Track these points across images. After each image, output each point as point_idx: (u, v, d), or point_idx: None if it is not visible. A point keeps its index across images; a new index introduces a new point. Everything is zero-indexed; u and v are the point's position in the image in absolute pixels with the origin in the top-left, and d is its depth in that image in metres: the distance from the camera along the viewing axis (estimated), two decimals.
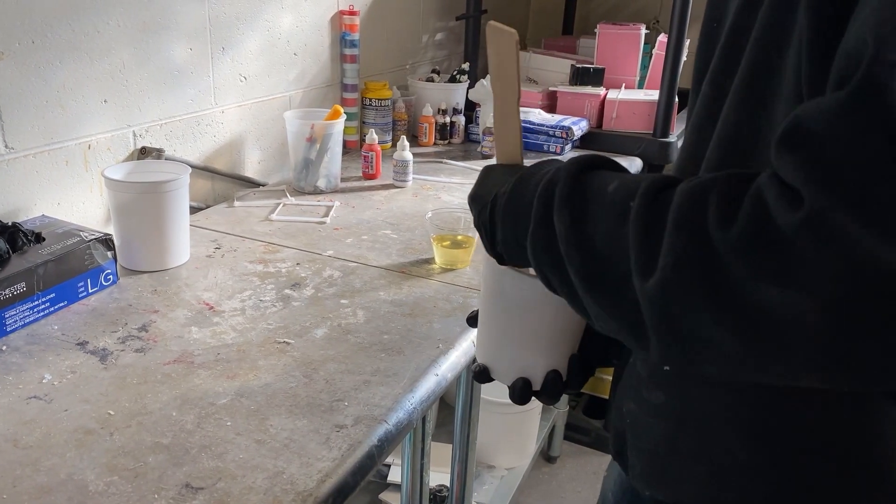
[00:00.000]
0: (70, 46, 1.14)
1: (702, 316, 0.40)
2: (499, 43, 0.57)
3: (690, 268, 0.40)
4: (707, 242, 0.39)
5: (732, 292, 0.38)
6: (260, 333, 0.96)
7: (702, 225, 0.40)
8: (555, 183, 0.49)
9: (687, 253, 0.40)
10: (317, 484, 0.69)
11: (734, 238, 0.38)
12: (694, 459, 0.54)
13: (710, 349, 0.41)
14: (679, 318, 0.41)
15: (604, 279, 0.45)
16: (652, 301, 0.42)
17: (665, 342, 0.42)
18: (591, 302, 0.46)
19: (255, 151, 1.59)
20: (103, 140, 1.23)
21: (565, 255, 0.47)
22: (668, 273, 0.40)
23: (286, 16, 1.59)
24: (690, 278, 0.40)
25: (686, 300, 0.40)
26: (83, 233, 1.03)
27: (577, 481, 2.09)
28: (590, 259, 0.46)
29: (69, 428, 0.76)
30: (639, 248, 0.42)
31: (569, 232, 0.47)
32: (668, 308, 0.41)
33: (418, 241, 1.29)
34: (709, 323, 0.40)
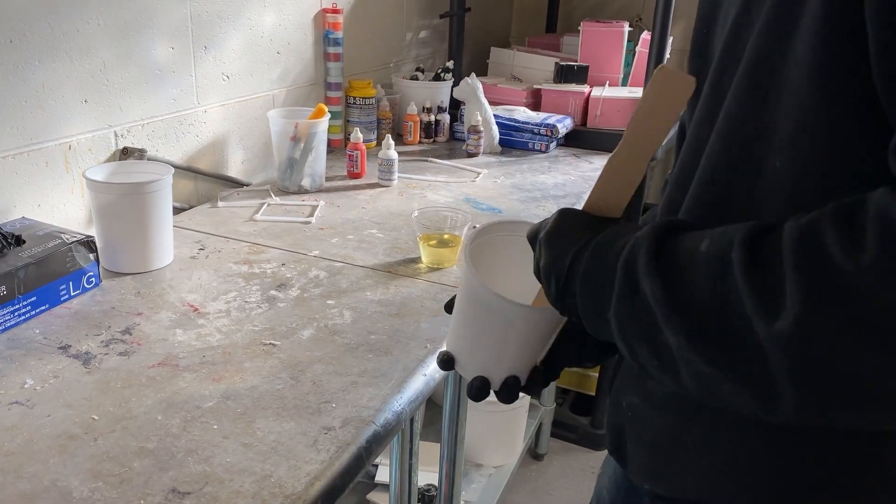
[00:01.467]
0: (49, 46, 1.13)
1: (851, 349, 0.37)
2: (667, 88, 0.50)
3: (826, 303, 0.37)
4: (837, 274, 0.37)
5: (885, 318, 0.36)
6: (245, 335, 0.95)
7: (826, 258, 0.38)
8: (638, 247, 0.46)
9: (818, 288, 0.38)
10: (305, 487, 0.69)
11: (869, 263, 0.36)
12: (699, 452, 0.53)
13: (862, 386, 0.38)
14: (821, 358, 0.38)
15: (715, 336, 0.42)
16: (785, 345, 0.38)
17: (804, 391, 0.39)
18: (701, 363, 0.43)
19: (238, 151, 1.58)
20: (84, 141, 1.21)
21: (663, 320, 0.44)
22: (800, 310, 0.38)
23: (269, 14, 1.58)
24: (827, 312, 0.37)
25: (828, 335, 0.37)
26: (64, 235, 1.02)
27: (564, 478, 2.09)
28: (694, 318, 0.43)
29: (52, 433, 0.75)
30: (757, 295, 0.40)
31: (664, 296, 0.44)
32: (808, 349, 0.38)
33: (404, 241, 1.29)
34: (862, 354, 0.37)
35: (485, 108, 1.87)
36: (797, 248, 0.39)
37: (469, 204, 1.50)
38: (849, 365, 0.37)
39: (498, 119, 1.92)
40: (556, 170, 1.78)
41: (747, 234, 0.42)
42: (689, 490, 0.55)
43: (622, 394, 0.61)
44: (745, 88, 0.49)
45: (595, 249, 0.50)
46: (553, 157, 1.90)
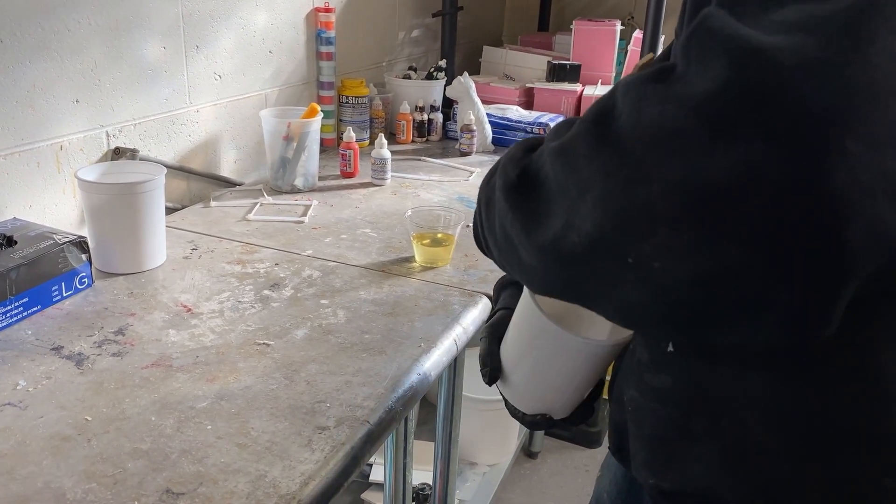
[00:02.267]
0: (40, 45, 1.12)
1: (583, 160, 0.45)
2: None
3: (589, 121, 0.46)
4: (612, 97, 0.45)
5: (613, 128, 0.43)
6: (239, 335, 0.95)
7: (614, 90, 0.46)
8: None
9: (590, 110, 0.47)
10: (300, 487, 0.69)
11: (632, 78, 0.44)
12: (705, 439, 0.53)
13: (587, 200, 0.44)
14: (568, 171, 0.46)
15: (526, 179, 0.51)
16: (552, 155, 0.48)
17: (557, 207, 0.46)
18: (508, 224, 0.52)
19: (231, 151, 1.58)
20: (76, 141, 1.21)
21: (499, 172, 0.54)
22: (571, 131, 0.47)
23: (261, 13, 1.58)
24: (584, 128, 0.46)
25: (574, 149, 0.46)
26: (56, 235, 1.01)
27: (558, 476, 2.10)
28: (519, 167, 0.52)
29: (45, 435, 0.74)
30: (557, 126, 0.52)
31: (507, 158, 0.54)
32: (564, 161, 0.47)
33: (398, 240, 1.29)
34: (586, 165, 0.44)
35: (477, 107, 1.87)
36: (548, 137, 0.52)
37: (462, 203, 1.50)
38: (585, 177, 0.44)
39: (491, 118, 1.92)
40: None
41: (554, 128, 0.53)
42: (697, 480, 0.54)
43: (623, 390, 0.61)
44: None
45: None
46: None
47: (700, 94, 0.39)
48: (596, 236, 0.42)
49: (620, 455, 0.63)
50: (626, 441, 0.61)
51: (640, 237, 0.40)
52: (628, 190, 0.40)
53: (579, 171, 0.44)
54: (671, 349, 0.54)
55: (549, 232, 0.46)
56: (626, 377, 0.60)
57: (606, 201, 0.41)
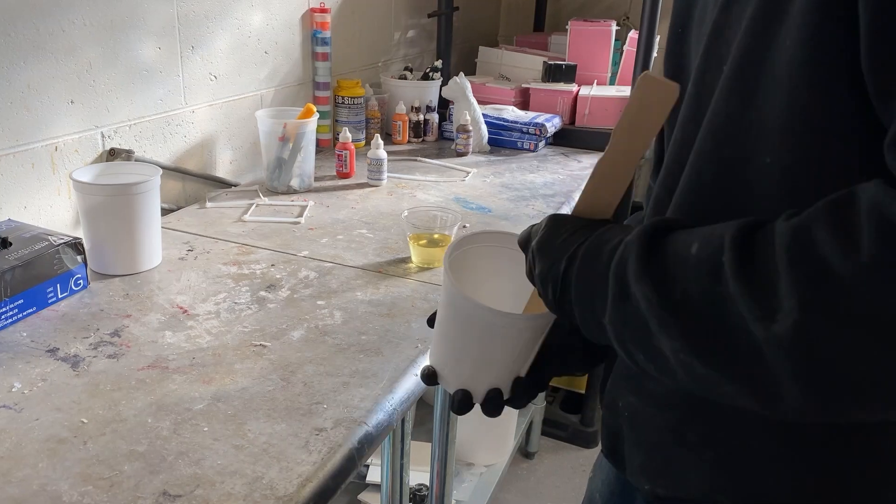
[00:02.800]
0: (34, 46, 1.12)
1: (852, 349, 0.37)
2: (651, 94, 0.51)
3: (824, 304, 0.37)
4: (833, 275, 0.37)
5: (883, 315, 0.36)
6: (235, 337, 0.95)
7: (821, 257, 0.38)
8: (627, 252, 0.46)
9: (815, 289, 0.38)
10: (297, 488, 0.69)
11: (866, 261, 0.36)
12: (702, 448, 0.53)
13: (864, 384, 0.38)
14: (823, 359, 0.38)
15: (711, 339, 0.42)
16: (786, 348, 0.38)
17: (807, 390, 0.39)
18: (699, 366, 0.43)
19: (226, 151, 1.57)
20: (71, 142, 1.21)
21: (656, 326, 0.44)
22: (798, 313, 0.38)
23: (256, 14, 1.57)
24: (826, 314, 0.37)
25: (828, 337, 0.37)
26: (51, 237, 1.01)
27: (555, 476, 2.10)
28: (688, 322, 0.42)
29: (41, 437, 0.74)
30: (752, 297, 0.39)
31: (658, 301, 0.43)
32: (808, 351, 0.38)
33: (394, 241, 1.29)
34: (863, 352, 0.37)
35: (473, 108, 1.87)
36: (790, 248, 0.39)
37: (458, 203, 1.50)
38: (851, 364, 0.38)
39: (487, 118, 1.92)
40: (544, 169, 1.79)
41: (737, 233, 0.42)
42: (692, 487, 0.54)
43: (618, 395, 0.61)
44: (733, 88, 0.49)
45: (586, 255, 0.50)
46: (542, 156, 1.90)
47: None
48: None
49: (614, 458, 0.63)
50: (620, 445, 0.61)
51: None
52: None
53: (841, 367, 0.38)
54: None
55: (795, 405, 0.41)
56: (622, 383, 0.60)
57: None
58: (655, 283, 0.44)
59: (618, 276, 0.46)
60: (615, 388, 0.61)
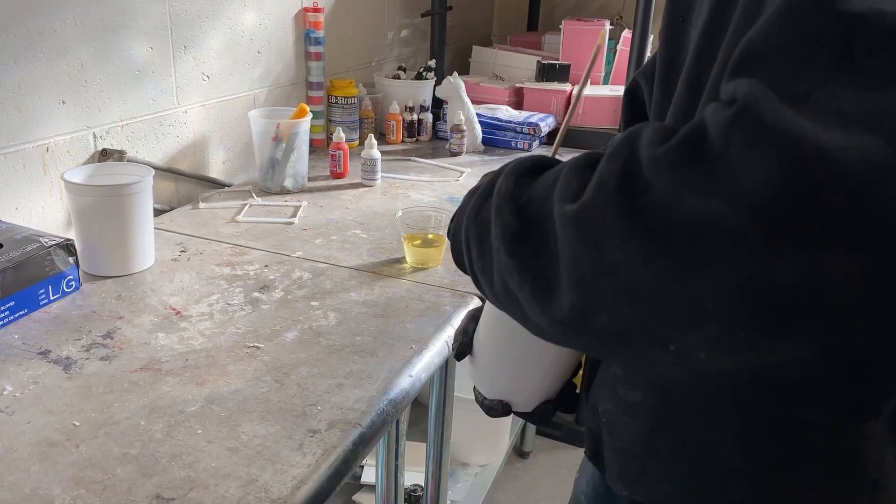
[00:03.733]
0: (25, 46, 1.11)
1: (612, 239, 0.37)
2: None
3: (612, 189, 0.37)
4: (635, 162, 0.37)
5: (647, 210, 0.36)
6: (229, 338, 0.94)
7: (634, 149, 0.38)
8: (512, 165, 0.50)
9: (612, 173, 0.38)
10: (291, 491, 0.68)
11: (661, 152, 0.36)
12: (673, 459, 0.53)
13: (616, 283, 0.38)
14: (589, 246, 0.38)
15: (523, 228, 0.44)
16: (567, 224, 0.39)
17: (574, 282, 0.39)
18: (504, 254, 0.45)
19: (219, 152, 1.57)
20: (62, 142, 1.20)
21: (495, 210, 0.46)
22: (589, 195, 0.38)
23: (249, 13, 1.57)
24: (608, 198, 0.37)
25: (599, 223, 0.37)
26: (43, 238, 1.00)
27: (550, 476, 2.10)
28: (515, 211, 0.45)
29: (32, 441, 0.74)
30: (566, 183, 0.41)
31: (509, 192, 0.46)
32: (583, 233, 0.38)
33: (388, 241, 1.29)
34: (618, 245, 0.37)
35: (467, 107, 1.87)
36: (616, 143, 0.40)
37: (453, 203, 1.50)
38: (616, 259, 0.37)
39: (480, 118, 1.92)
40: None
41: (590, 153, 0.43)
42: (666, 497, 0.55)
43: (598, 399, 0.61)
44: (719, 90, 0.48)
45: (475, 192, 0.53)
46: None
47: (751, 191, 0.35)
48: (633, 322, 0.39)
49: (596, 460, 0.63)
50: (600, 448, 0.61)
51: (685, 330, 0.37)
52: (674, 282, 0.36)
53: (605, 249, 0.38)
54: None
55: (566, 306, 0.41)
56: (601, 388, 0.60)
57: (646, 289, 0.37)
58: (516, 182, 0.47)
59: (494, 177, 0.50)
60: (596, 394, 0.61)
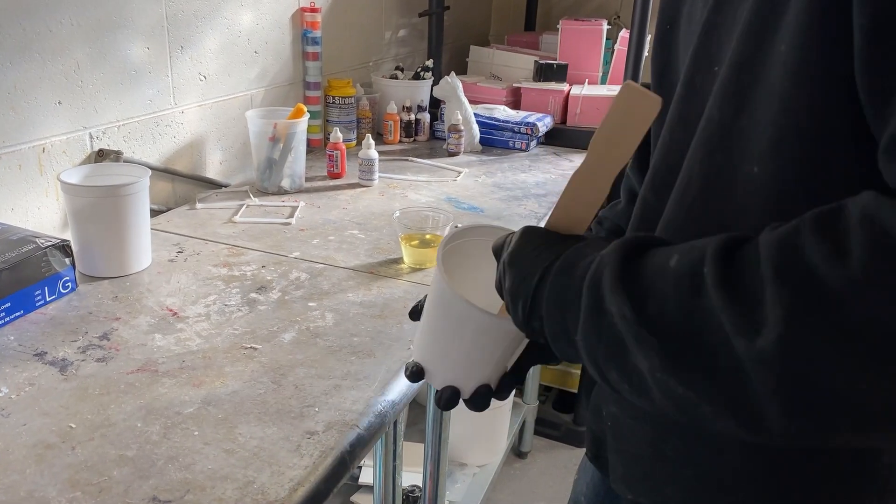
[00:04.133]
0: (21, 46, 1.10)
1: (840, 364, 0.35)
2: (633, 106, 0.48)
3: (811, 316, 0.35)
4: (821, 285, 0.35)
5: (872, 330, 0.34)
6: (226, 339, 0.94)
7: (808, 267, 0.35)
8: (603, 266, 0.44)
9: (802, 301, 0.35)
10: (289, 493, 0.68)
11: (856, 270, 0.34)
12: (681, 463, 0.53)
13: (853, 403, 0.35)
14: (808, 374, 0.35)
15: (690, 357, 0.39)
16: (768, 362, 0.36)
17: (790, 410, 0.37)
18: (676, 385, 0.40)
19: (216, 152, 1.56)
20: (58, 143, 1.19)
21: (632, 342, 0.41)
22: (783, 326, 0.35)
23: (246, 13, 1.56)
24: (813, 326, 0.35)
25: (815, 351, 0.35)
26: (39, 239, 1.00)
27: (548, 476, 2.10)
28: (666, 339, 0.40)
29: (28, 443, 0.73)
30: (734, 311, 0.37)
31: (633, 316, 0.41)
32: (793, 366, 0.35)
33: (386, 241, 1.28)
34: (851, 370, 0.34)
35: (465, 107, 1.87)
36: (775, 259, 0.37)
37: (450, 203, 1.50)
38: (838, 381, 0.35)
39: (478, 118, 1.92)
40: (536, 168, 1.79)
41: (720, 247, 0.40)
42: (671, 500, 0.54)
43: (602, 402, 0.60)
44: (726, 94, 0.48)
45: (559, 270, 0.47)
46: (534, 155, 1.90)
47: None
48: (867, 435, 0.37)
49: (598, 463, 0.63)
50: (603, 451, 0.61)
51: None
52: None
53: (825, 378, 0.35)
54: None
55: (778, 429, 0.38)
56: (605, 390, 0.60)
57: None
58: (631, 297, 0.42)
59: (592, 289, 0.44)
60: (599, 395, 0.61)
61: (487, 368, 0.59)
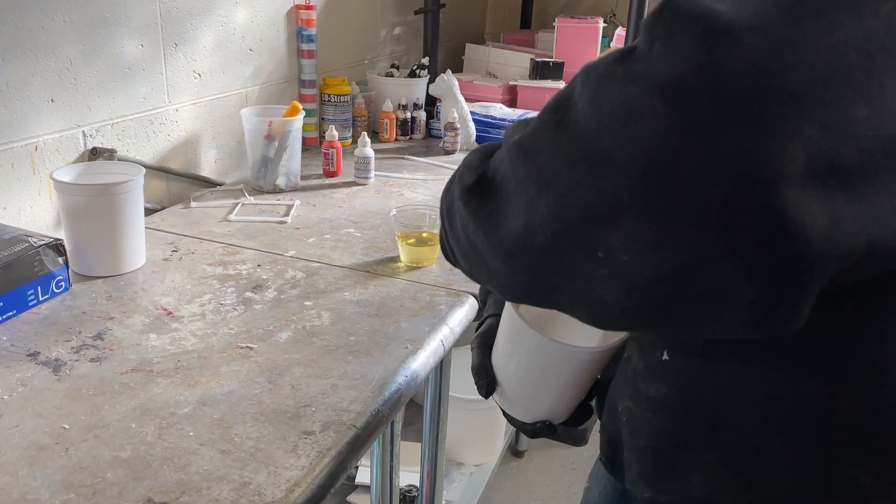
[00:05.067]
0: (13, 43, 1.09)
1: (541, 157, 0.44)
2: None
3: (547, 113, 0.45)
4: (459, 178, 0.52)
5: (569, 117, 0.43)
6: (221, 339, 0.93)
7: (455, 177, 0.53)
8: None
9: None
10: (285, 494, 0.67)
11: (598, 63, 0.43)
12: (704, 449, 0.52)
13: (549, 194, 0.43)
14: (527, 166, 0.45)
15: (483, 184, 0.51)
16: (511, 150, 0.47)
17: (521, 208, 0.45)
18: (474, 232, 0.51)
19: (211, 150, 1.55)
20: (51, 141, 1.18)
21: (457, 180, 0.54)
22: (532, 124, 0.46)
23: (240, 10, 1.55)
24: (544, 121, 0.45)
25: (535, 148, 0.45)
26: (32, 238, 0.99)
27: (545, 475, 2.09)
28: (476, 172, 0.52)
29: (21, 444, 0.72)
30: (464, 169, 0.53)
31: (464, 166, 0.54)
32: (520, 155, 0.46)
33: (382, 240, 1.28)
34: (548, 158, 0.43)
35: (461, 105, 1.86)
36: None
37: None
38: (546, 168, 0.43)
39: (474, 116, 1.91)
40: None
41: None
42: (694, 491, 0.53)
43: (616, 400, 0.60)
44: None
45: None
46: None
47: (664, 74, 0.37)
48: (562, 231, 0.41)
49: (613, 467, 0.62)
50: (619, 453, 0.60)
51: (607, 229, 0.39)
52: (593, 179, 0.39)
53: (540, 166, 0.42)
54: (666, 357, 0.53)
55: (512, 232, 0.44)
56: (621, 387, 0.59)
57: (571, 193, 0.40)
58: (479, 155, 0.54)
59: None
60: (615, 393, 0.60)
61: (573, 396, 0.66)
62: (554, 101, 0.45)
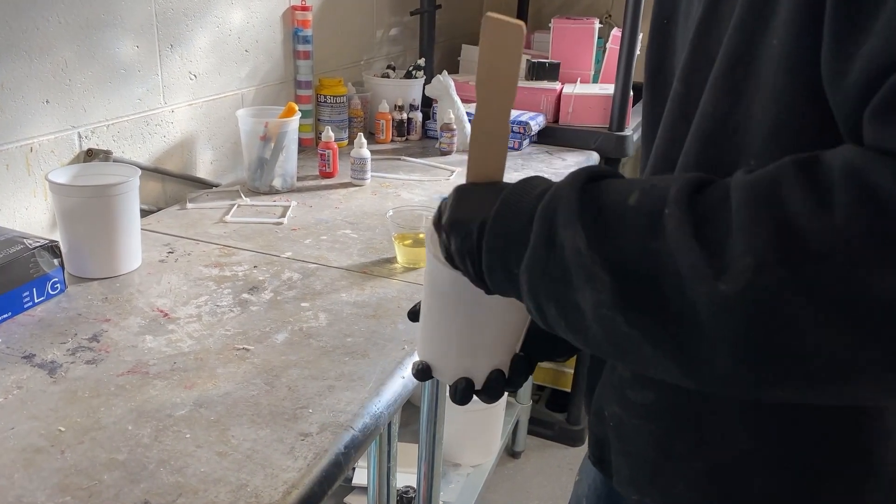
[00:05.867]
0: (7, 44, 1.09)
1: (808, 319, 0.34)
2: (498, 37, 0.49)
3: (784, 265, 0.34)
4: (799, 236, 0.33)
5: (847, 288, 0.32)
6: (218, 340, 0.93)
7: (787, 218, 0.34)
8: (558, 198, 0.43)
9: (775, 251, 0.34)
10: (282, 496, 0.67)
11: (838, 225, 0.33)
12: (690, 457, 0.52)
13: (811, 360, 0.34)
14: (768, 323, 0.34)
15: (642, 296, 0.38)
16: (729, 308, 0.35)
17: (742, 358, 0.36)
18: (623, 324, 0.39)
19: (207, 151, 1.55)
20: (46, 142, 1.18)
21: (585, 275, 0.40)
22: (752, 276, 0.34)
23: (236, 11, 1.55)
24: (785, 276, 0.34)
25: (784, 304, 0.34)
26: (27, 240, 0.99)
27: (541, 475, 2.09)
28: (621, 275, 0.39)
29: (17, 447, 0.72)
30: (694, 254, 0.36)
31: (587, 250, 0.40)
32: (755, 315, 0.34)
33: (379, 241, 1.27)
34: (816, 325, 0.33)
35: (457, 106, 1.86)
36: (750, 207, 0.35)
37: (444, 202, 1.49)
38: (799, 337, 0.34)
39: (471, 117, 1.91)
40: (529, 167, 1.78)
41: (684, 187, 0.38)
42: (681, 498, 0.54)
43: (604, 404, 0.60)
44: (720, 87, 0.48)
45: (502, 206, 0.46)
46: (526, 154, 1.89)
47: None
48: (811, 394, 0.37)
49: (601, 466, 0.62)
50: (607, 454, 0.60)
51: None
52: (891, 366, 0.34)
53: (791, 333, 0.34)
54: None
55: (722, 373, 0.37)
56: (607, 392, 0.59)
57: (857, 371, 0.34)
58: (587, 230, 0.40)
59: (544, 220, 0.42)
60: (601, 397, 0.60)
61: (495, 348, 0.57)
62: (770, 244, 0.35)
